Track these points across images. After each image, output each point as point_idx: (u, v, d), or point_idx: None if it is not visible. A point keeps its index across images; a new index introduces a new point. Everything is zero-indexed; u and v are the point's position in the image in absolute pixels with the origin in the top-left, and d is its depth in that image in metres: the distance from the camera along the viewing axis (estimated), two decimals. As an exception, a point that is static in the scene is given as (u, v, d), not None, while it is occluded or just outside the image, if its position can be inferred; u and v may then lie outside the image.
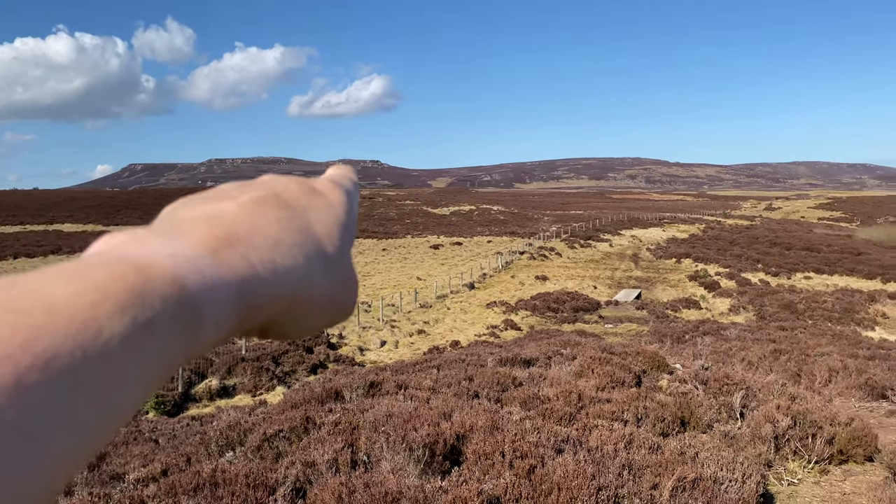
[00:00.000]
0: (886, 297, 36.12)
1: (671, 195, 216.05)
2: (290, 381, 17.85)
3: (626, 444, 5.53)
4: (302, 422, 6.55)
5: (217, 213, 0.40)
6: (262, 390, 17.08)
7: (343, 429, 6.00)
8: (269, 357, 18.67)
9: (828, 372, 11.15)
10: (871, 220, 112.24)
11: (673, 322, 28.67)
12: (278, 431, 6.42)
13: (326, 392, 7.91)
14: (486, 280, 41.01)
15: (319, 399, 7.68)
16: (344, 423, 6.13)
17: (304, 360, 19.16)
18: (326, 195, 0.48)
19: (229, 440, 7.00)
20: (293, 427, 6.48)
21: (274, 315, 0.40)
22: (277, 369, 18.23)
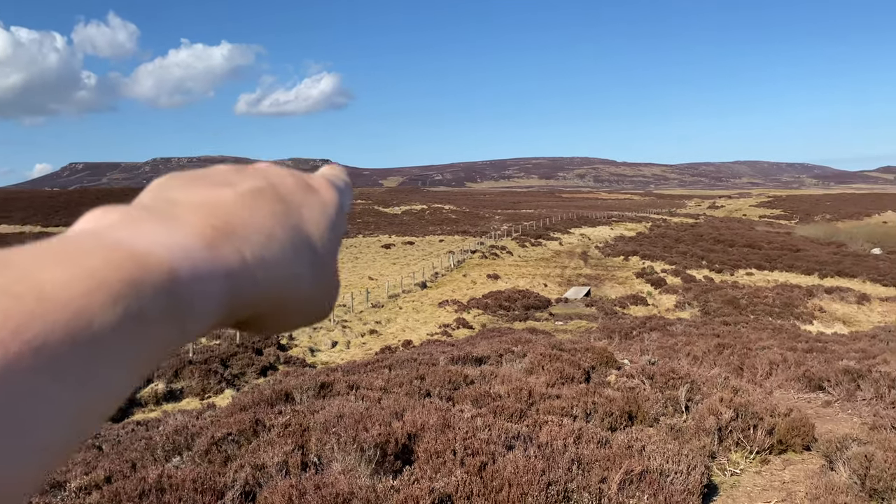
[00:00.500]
0: (823, 291, 37.51)
1: (619, 194, 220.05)
2: (239, 384, 17.55)
3: (575, 438, 5.62)
4: (251, 424, 6.45)
5: (215, 202, 0.39)
6: (211, 393, 16.75)
7: (293, 431, 5.93)
8: (218, 359, 18.33)
9: (768, 365, 11.52)
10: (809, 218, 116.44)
11: (621, 318, 29.20)
12: (227, 435, 6.31)
13: (276, 394, 7.81)
14: (439, 279, 41.07)
15: (269, 401, 7.58)
16: (294, 424, 6.07)
17: (254, 362, 18.87)
18: (321, 193, 0.47)
19: (176, 445, 6.84)
20: (242, 430, 6.38)
21: (257, 310, 0.39)
22: (226, 372, 17.91)
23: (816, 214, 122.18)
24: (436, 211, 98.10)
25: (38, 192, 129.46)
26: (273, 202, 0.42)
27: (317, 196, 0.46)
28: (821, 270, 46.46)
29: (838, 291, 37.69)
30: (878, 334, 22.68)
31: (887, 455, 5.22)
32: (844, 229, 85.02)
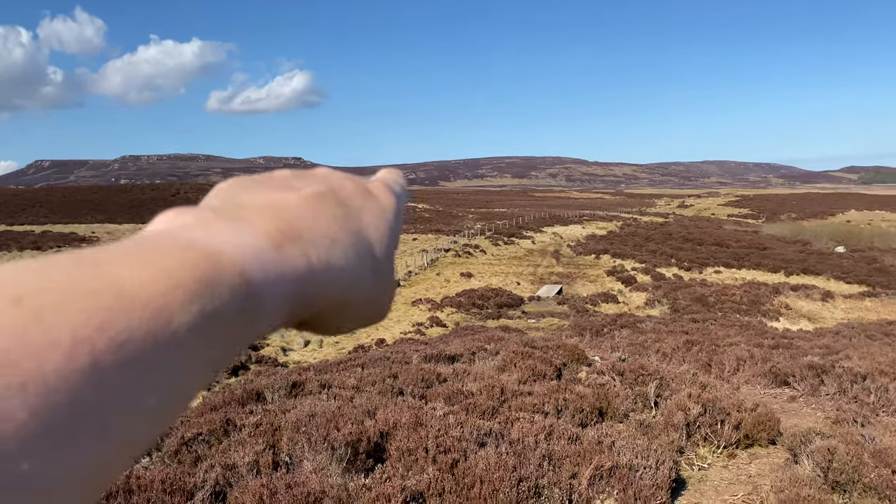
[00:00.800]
0: (789, 289, 38.24)
1: (590, 193, 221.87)
2: (210, 384, 17.36)
3: (546, 435, 5.67)
4: (222, 424, 6.40)
5: (282, 205, 0.40)
6: (181, 394, 16.57)
7: (264, 430, 5.90)
8: (188, 359, 18.12)
9: (736, 361, 11.72)
10: (776, 217, 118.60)
11: (592, 316, 29.47)
12: (197, 435, 6.25)
13: (247, 393, 7.75)
14: (412, 278, 41.05)
15: (240, 401, 7.52)
16: (265, 424, 6.03)
17: (225, 362, 18.69)
18: (379, 198, 0.48)
19: (145, 446, 6.76)
20: (212, 430, 6.32)
21: (318, 311, 0.40)
22: (196, 372, 17.70)
23: (783, 213, 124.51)
24: (409, 209, 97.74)
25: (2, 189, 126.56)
26: (335, 206, 0.42)
27: (376, 201, 0.47)
28: (787, 268, 47.36)
29: (804, 289, 38.46)
30: (841, 331, 23.20)
31: (849, 448, 5.35)
32: (809, 228, 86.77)
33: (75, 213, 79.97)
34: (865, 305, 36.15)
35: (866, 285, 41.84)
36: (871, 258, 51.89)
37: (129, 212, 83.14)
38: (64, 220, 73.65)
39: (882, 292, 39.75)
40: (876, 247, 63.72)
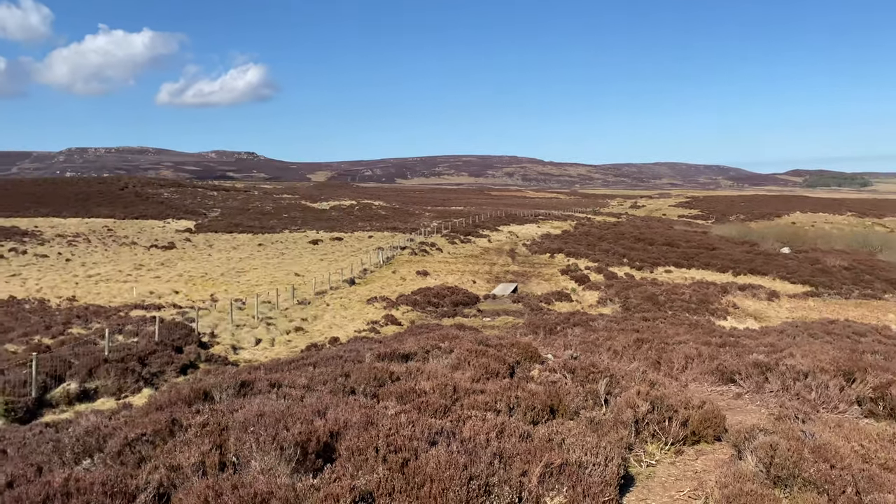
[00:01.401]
0: (737, 289, 39.25)
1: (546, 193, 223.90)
2: (157, 383, 16.96)
3: (497, 433, 5.67)
4: (167, 424, 6.23)
5: None
6: (128, 393, 16.13)
7: (211, 430, 5.76)
8: (135, 358, 17.65)
9: (684, 359, 11.96)
10: (725, 218, 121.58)
11: (546, 314, 29.75)
12: (141, 435, 6.07)
13: (195, 393, 7.57)
14: (367, 276, 40.80)
15: (187, 400, 7.34)
16: (212, 424, 5.89)
17: (174, 361, 18.27)
18: None
19: (87, 447, 6.54)
20: (157, 430, 6.15)
21: None
22: (144, 370, 17.26)
23: (731, 215, 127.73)
24: (365, 207, 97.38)
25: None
26: None
27: None
28: (735, 268, 48.61)
29: (750, 288, 39.53)
30: (785, 329, 23.91)
31: (790, 444, 5.49)
32: (757, 229, 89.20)
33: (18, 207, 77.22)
34: (809, 305, 37.36)
35: (810, 285, 43.26)
36: (814, 259, 53.64)
37: (76, 205, 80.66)
38: (5, 214, 71.04)
39: (824, 292, 41.14)
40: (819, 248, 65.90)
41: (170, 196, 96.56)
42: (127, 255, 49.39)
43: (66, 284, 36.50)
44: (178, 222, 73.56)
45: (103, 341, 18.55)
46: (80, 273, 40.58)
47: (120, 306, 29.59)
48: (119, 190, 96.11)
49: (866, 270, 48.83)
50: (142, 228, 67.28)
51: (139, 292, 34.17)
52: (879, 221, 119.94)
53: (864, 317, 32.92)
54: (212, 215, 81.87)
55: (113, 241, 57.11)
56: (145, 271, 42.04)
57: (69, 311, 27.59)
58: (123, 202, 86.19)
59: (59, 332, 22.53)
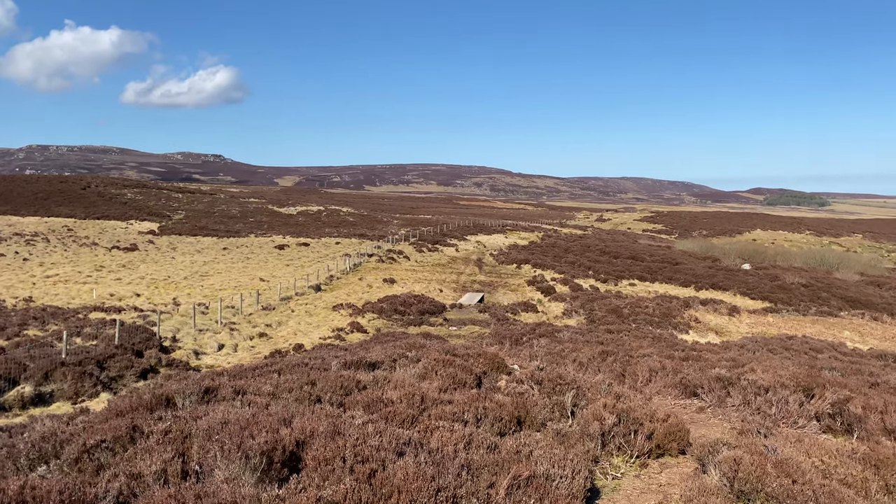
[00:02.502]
0: (699, 303, 39.88)
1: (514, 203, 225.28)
2: (116, 388, 16.57)
3: (465, 444, 5.66)
4: (128, 431, 6.08)
5: None
6: (85, 397, 15.72)
7: (174, 437, 5.64)
8: (94, 361, 17.22)
9: (648, 372, 12.09)
10: (688, 233, 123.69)
11: (512, 325, 29.85)
12: (100, 442, 5.92)
13: (156, 398, 7.41)
14: (334, 282, 40.51)
15: (148, 406, 7.17)
16: (175, 431, 5.77)
17: (133, 365, 17.88)
18: None
19: (43, 453, 6.34)
20: (118, 437, 6.00)
21: None
22: (102, 374, 16.86)
23: (694, 230, 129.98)
24: (333, 213, 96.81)
25: None
26: None
27: None
28: (697, 283, 49.40)
29: (712, 303, 40.19)
30: (746, 344, 24.34)
31: (753, 458, 5.58)
32: (719, 245, 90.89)
33: (-27, 204, 75.05)
34: (768, 320, 38.11)
35: (769, 301, 44.17)
36: (773, 276, 54.80)
37: (35, 204, 78.67)
38: (-40, 210, 69.01)
39: (783, 308, 42.03)
40: (778, 265, 67.35)
41: (133, 197, 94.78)
42: (87, 256, 48.29)
43: (23, 285, 35.53)
44: (142, 224, 72.21)
45: (60, 343, 18.08)
46: (37, 273, 39.56)
47: (79, 308, 28.88)
48: (81, 189, 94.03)
49: (823, 288, 50.05)
50: (103, 229, 65.88)
51: (99, 294, 33.41)
52: (836, 240, 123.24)
53: (820, 333, 33.70)
54: (176, 217, 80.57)
55: (73, 242, 55.80)
56: (106, 273, 41.15)
57: (25, 312, 26.85)
58: (85, 202, 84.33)
59: (14, 333, 21.89)
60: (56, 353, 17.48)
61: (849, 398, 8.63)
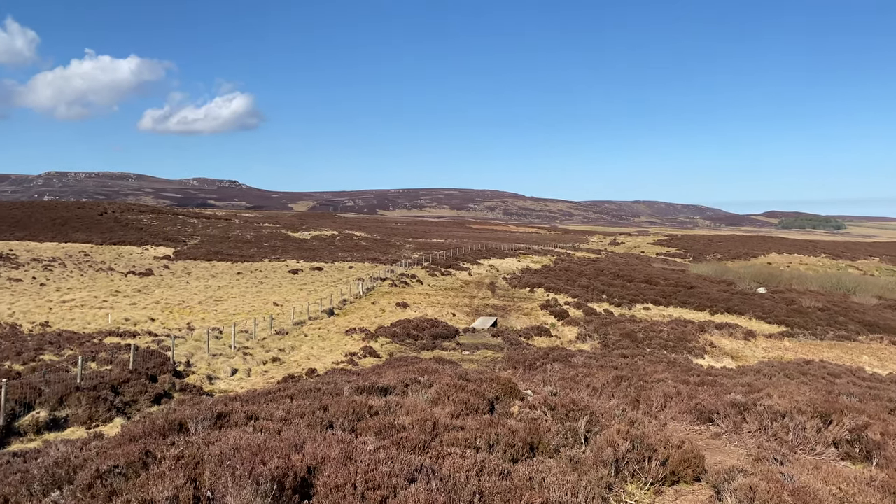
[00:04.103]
0: (714, 327, 39.52)
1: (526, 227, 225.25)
2: (130, 412, 16.61)
3: (477, 471, 5.62)
4: (141, 456, 6.10)
5: None
6: (99, 422, 15.76)
7: (186, 463, 5.65)
8: (108, 386, 17.30)
9: (663, 397, 11.97)
10: (702, 257, 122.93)
11: (526, 349, 29.69)
12: (113, 467, 5.94)
13: (169, 424, 7.43)
14: (347, 306, 40.55)
15: (161, 431, 7.20)
16: (187, 456, 5.78)
17: (147, 390, 17.93)
18: None
19: (56, 478, 6.37)
20: (130, 462, 6.02)
21: None
22: (117, 399, 16.92)
23: (709, 254, 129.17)
24: (346, 237, 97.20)
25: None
26: None
27: None
28: (712, 307, 49.00)
29: (727, 327, 39.83)
30: (762, 369, 24.07)
31: (770, 486, 5.50)
32: (733, 269, 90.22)
33: (-7, 229, 76.09)
34: (784, 345, 37.67)
35: (785, 325, 43.70)
36: (789, 299, 54.26)
37: (53, 230, 79.63)
38: (-21, 236, 69.95)
39: (800, 332, 41.55)
40: (794, 289, 66.69)
41: (149, 222, 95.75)
42: (103, 281, 48.70)
43: (40, 310, 35.86)
44: (157, 249, 72.83)
45: (76, 368, 18.18)
46: (54, 298, 39.91)
47: (94, 333, 29.07)
48: (98, 215, 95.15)
49: (840, 312, 49.47)
50: (120, 254, 66.50)
51: (114, 319, 33.63)
52: (853, 264, 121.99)
53: (838, 358, 33.25)
54: (191, 243, 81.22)
55: (90, 267, 56.34)
56: (121, 298, 41.45)
57: (41, 337, 27.06)
58: (102, 227, 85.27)
59: (30, 358, 22.05)
60: (71, 377, 17.57)
61: (867, 424, 8.50)
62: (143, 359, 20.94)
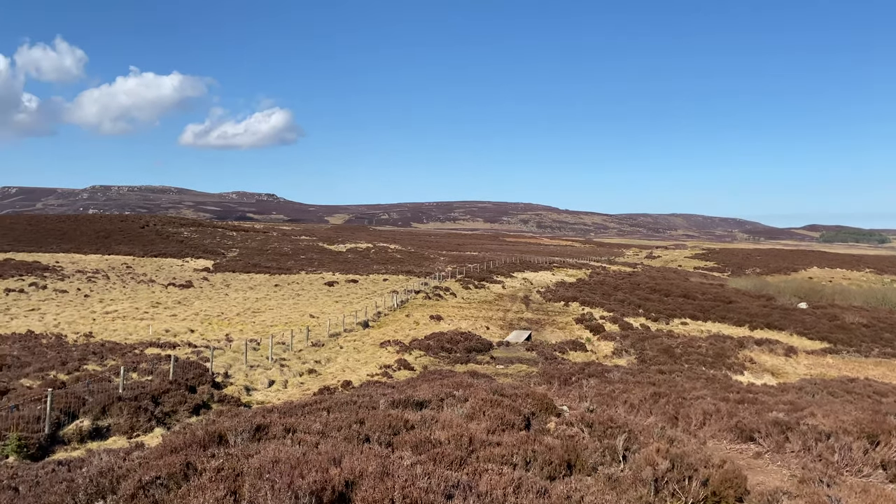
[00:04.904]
0: (753, 343, 38.71)
1: (561, 240, 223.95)
2: (170, 423, 16.90)
3: (514, 488, 5.59)
4: (182, 468, 6.21)
5: None
6: (140, 432, 16.06)
7: (226, 475, 5.73)
8: (149, 396, 17.63)
9: (702, 415, 11.76)
10: (741, 271, 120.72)
11: (561, 364, 29.45)
12: (155, 478, 6.05)
13: (209, 435, 7.54)
14: (381, 319, 40.74)
15: (201, 443, 7.31)
16: (227, 469, 5.86)
17: (187, 400, 18.23)
18: None
19: (100, 488, 6.51)
20: (172, 473, 6.13)
21: None
22: (157, 409, 17.23)
23: (748, 268, 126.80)
24: (381, 250, 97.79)
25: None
26: None
27: None
28: (751, 322, 48.04)
29: (767, 343, 38.97)
30: (804, 387, 23.48)
31: (815, 508, 5.36)
32: (773, 283, 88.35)
33: (41, 242, 78.32)
34: (827, 362, 36.72)
35: (828, 342, 42.59)
36: (832, 315, 52.92)
37: (97, 242, 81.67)
38: (28, 249, 72.03)
39: (843, 349, 40.46)
40: (837, 304, 65.04)
41: (189, 235, 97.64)
42: (145, 293, 49.75)
43: (84, 320, 36.75)
44: (197, 261, 74.16)
45: (118, 379, 18.58)
46: (97, 309, 40.88)
47: (135, 343, 29.69)
48: (140, 228, 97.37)
49: (886, 328, 48.07)
50: (160, 266, 67.88)
51: (155, 330, 34.30)
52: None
53: (884, 376, 32.29)
54: (230, 255, 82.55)
55: (131, 279, 57.61)
56: (162, 309, 42.28)
57: (85, 347, 27.73)
58: (143, 240, 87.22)
59: (74, 367, 22.61)
60: (113, 388, 17.96)
61: (917, 446, 8.24)
62: (183, 370, 21.30)
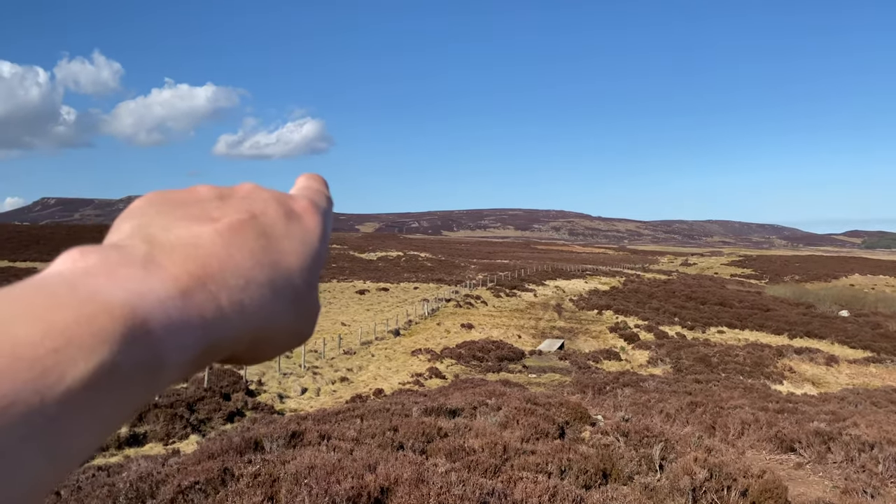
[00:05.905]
0: (793, 352, 37.91)
1: (593, 248, 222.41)
2: (205, 430, 17.13)
3: (550, 496, 5.55)
4: (219, 473, 6.29)
5: (194, 242, 0.38)
6: (176, 439, 16.31)
7: (263, 481, 5.79)
8: (184, 403, 17.90)
9: (740, 425, 11.55)
10: (779, 278, 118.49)
11: (594, 373, 29.19)
12: (194, 483, 6.14)
13: (245, 442, 7.63)
14: (412, 327, 40.84)
15: (238, 449, 7.40)
16: (264, 474, 5.92)
17: (221, 408, 18.46)
18: (304, 220, 0.45)
19: (140, 493, 6.63)
20: (210, 479, 6.21)
21: (234, 350, 0.39)
22: (192, 416, 17.48)
23: (786, 275, 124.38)
24: (412, 258, 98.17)
25: (6, 225, 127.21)
26: (254, 238, 0.40)
27: (300, 224, 0.44)
28: (790, 331, 47.06)
29: (807, 352, 38.12)
30: (846, 396, 22.92)
31: (860, 521, 5.23)
32: (813, 291, 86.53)
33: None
34: (870, 371, 35.78)
35: (871, 350, 41.51)
36: (875, 323, 51.59)
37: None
38: (68, 258, 73.93)
39: (887, 358, 39.39)
40: (880, 312, 63.40)
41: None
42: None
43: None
44: (230, 270, 75.19)
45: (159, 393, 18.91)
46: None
47: (171, 351, 30.18)
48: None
49: (932, 336, 46.69)
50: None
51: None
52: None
53: (930, 386, 31.34)
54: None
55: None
56: (197, 317, 42.92)
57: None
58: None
59: (113, 374, 23.07)
60: (151, 394, 18.27)
61: (966, 458, 7.98)
62: (217, 377, 21.59)
